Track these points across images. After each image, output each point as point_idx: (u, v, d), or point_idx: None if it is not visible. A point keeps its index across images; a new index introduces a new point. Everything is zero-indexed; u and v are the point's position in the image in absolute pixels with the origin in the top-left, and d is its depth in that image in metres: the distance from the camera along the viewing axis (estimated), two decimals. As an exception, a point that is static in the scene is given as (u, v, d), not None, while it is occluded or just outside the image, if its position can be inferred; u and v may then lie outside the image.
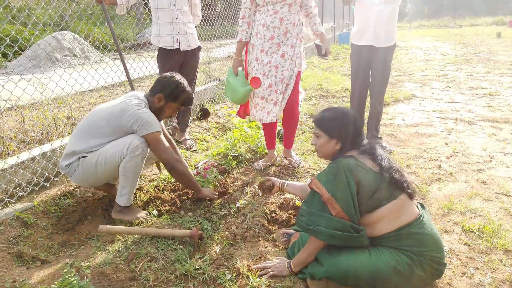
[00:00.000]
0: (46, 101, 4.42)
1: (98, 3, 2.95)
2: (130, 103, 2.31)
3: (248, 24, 2.95)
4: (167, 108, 2.44)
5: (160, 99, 2.40)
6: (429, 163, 3.45)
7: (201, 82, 6.12)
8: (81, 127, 2.35)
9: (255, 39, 2.94)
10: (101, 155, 2.24)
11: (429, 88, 6.86)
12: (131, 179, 2.31)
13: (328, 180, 1.70)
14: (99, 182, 2.40)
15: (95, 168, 2.26)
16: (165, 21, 3.37)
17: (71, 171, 2.29)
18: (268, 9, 2.82)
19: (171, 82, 2.41)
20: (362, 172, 1.69)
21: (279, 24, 2.81)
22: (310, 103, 5.83)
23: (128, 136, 2.27)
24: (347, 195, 1.64)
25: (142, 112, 2.28)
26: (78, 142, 2.30)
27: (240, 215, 2.42)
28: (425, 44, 15.71)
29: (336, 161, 1.75)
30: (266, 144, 3.32)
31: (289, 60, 2.89)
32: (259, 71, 2.94)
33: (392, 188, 1.70)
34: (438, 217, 2.55)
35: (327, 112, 1.91)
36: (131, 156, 2.23)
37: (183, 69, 3.63)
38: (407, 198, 1.74)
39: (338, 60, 10.88)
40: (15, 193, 2.55)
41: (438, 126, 4.55)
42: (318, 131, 1.89)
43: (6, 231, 2.19)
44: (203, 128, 4.32)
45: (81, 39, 9.37)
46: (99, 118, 2.32)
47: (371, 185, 1.67)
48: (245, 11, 2.93)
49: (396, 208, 1.70)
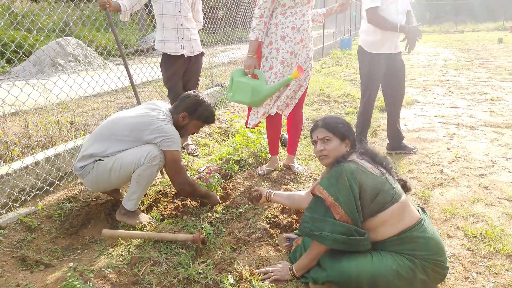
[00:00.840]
0: (49, 106, 4.46)
1: (102, 9, 2.98)
2: (157, 117, 2.33)
3: (265, 24, 2.82)
4: (191, 126, 2.49)
5: (185, 117, 2.44)
6: (431, 168, 3.46)
7: (203, 87, 6.15)
8: (101, 131, 2.36)
9: (281, 42, 2.84)
10: (117, 161, 2.25)
11: (431, 93, 6.88)
12: (143, 186, 2.33)
13: (330, 184, 1.71)
14: (109, 188, 2.41)
15: (109, 173, 2.26)
16: (170, 27, 3.40)
17: (85, 173, 2.29)
18: (296, 11, 2.82)
19: (195, 101, 2.46)
20: (363, 176, 1.71)
21: (307, 27, 2.88)
22: (312, 108, 5.85)
23: (148, 145, 2.28)
24: (350, 198, 1.66)
25: (167, 128, 2.31)
26: (97, 146, 2.30)
27: (242, 220, 2.43)
28: (426, 50, 15.73)
29: (338, 166, 1.77)
30: (269, 149, 3.33)
31: (308, 63, 2.99)
32: (283, 74, 2.90)
33: (393, 192, 1.71)
34: (441, 222, 2.55)
35: (330, 118, 2.00)
36: (148, 165, 2.24)
37: (187, 75, 3.65)
38: (408, 201, 1.76)
39: (340, 66, 10.91)
40: (19, 197, 2.57)
41: (440, 131, 4.55)
42: (330, 134, 1.93)
43: (10, 235, 2.20)
44: (205, 133, 4.34)
45: (84, 45, 9.45)
46: (123, 126, 2.33)
47: (373, 188, 1.69)
48: (264, 11, 2.78)
49: (398, 212, 1.71)
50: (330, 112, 5.51)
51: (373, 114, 5.30)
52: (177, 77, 3.57)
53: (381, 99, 6.14)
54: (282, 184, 3.03)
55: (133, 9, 3.27)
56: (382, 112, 5.56)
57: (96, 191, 2.47)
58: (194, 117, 2.46)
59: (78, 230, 2.39)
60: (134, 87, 3.42)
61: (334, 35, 16.57)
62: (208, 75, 6.77)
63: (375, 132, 4.54)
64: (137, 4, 3.26)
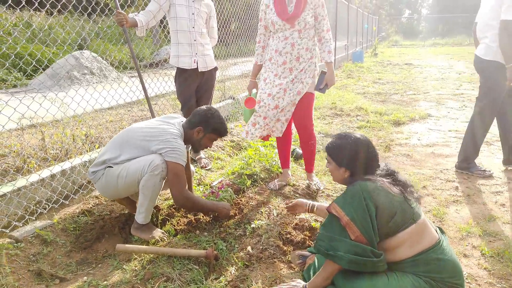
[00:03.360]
0: (66, 119, 4.54)
1: (119, 25, 3.05)
2: (167, 130, 2.38)
3: (262, 48, 3.13)
4: (205, 139, 2.54)
5: (199, 131, 2.50)
6: (446, 184, 3.41)
7: (215, 101, 6.21)
8: (116, 139, 2.45)
9: (268, 63, 3.03)
10: (124, 168, 2.31)
11: (444, 107, 6.82)
12: (149, 198, 2.35)
13: (346, 202, 1.70)
14: (118, 195, 2.46)
15: (117, 180, 2.32)
16: (184, 42, 3.46)
17: (96, 179, 2.39)
18: (279, 36, 2.91)
19: (210, 114, 2.52)
20: (381, 195, 1.68)
21: (290, 50, 2.88)
22: (324, 121, 5.85)
23: (152, 155, 2.32)
24: (366, 218, 1.63)
25: (174, 141, 2.35)
26: (110, 152, 2.39)
27: (255, 236, 2.42)
28: (439, 63, 15.64)
29: (354, 184, 1.75)
30: (281, 163, 3.34)
31: (297, 83, 2.94)
32: (265, 90, 3.00)
33: (411, 212, 1.69)
34: (456, 240, 2.51)
35: (338, 139, 1.92)
36: (151, 174, 2.27)
37: (200, 89, 3.70)
38: (426, 221, 1.73)
39: (352, 79, 10.91)
40: (35, 210, 2.61)
41: (454, 147, 4.50)
42: (328, 157, 1.92)
43: (26, 249, 2.24)
44: (217, 147, 4.36)
45: (100, 59, 9.64)
46: (135, 135, 2.40)
47: (390, 208, 1.66)
48: (260, 37, 3.11)
49: (416, 233, 1.67)
50: (342, 126, 5.49)
51: (386, 129, 5.30)
52: (190, 91, 3.62)
53: (394, 113, 6.13)
54: (294, 199, 3.01)
55: (149, 24, 3.34)
56: (395, 126, 5.53)
57: (106, 196, 2.55)
58: (208, 131, 2.51)
59: (92, 244, 2.41)
60: (149, 100, 3.48)
61: (346, 48, 16.59)
62: (221, 88, 6.83)
63: (388, 147, 4.51)
64: (152, 19, 3.33)
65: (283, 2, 2.85)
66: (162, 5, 3.33)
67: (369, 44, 26.78)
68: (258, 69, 3.19)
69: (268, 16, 2.93)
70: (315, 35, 2.95)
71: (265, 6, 2.97)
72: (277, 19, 2.85)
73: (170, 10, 3.39)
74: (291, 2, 2.84)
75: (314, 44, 2.95)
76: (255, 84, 3.22)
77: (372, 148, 1.88)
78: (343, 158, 1.85)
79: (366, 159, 1.83)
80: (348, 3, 17.60)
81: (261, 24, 3.05)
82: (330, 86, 2.96)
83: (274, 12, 2.87)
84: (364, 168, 1.83)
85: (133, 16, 3.17)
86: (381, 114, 6.20)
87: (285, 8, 2.83)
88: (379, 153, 1.94)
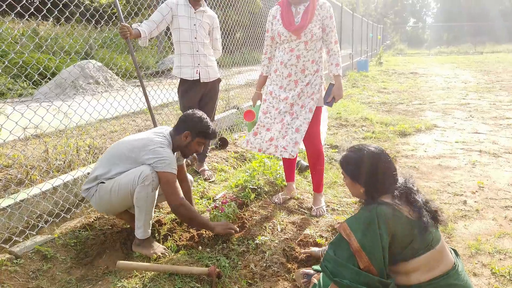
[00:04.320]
0: (70, 130, 4.54)
1: (123, 38, 3.04)
2: (154, 139, 2.39)
3: (269, 59, 3.09)
4: (193, 143, 2.52)
5: (187, 136, 2.49)
6: (454, 198, 3.34)
7: (219, 110, 6.18)
8: (106, 154, 2.46)
9: (274, 75, 2.99)
10: (116, 182, 2.31)
11: (451, 117, 6.75)
12: (144, 210, 2.32)
13: (358, 228, 1.60)
14: (114, 210, 2.44)
15: (110, 195, 2.32)
16: (186, 53, 3.45)
17: (89, 196, 2.39)
18: (285, 47, 2.86)
19: (195, 118, 2.51)
20: (398, 222, 1.58)
21: (296, 62, 2.84)
22: (329, 132, 5.80)
23: (141, 166, 2.31)
24: (378, 248, 1.55)
25: (161, 150, 2.34)
26: (100, 168, 2.39)
27: (258, 252, 2.37)
28: (445, 72, 15.58)
29: (370, 209, 1.63)
30: (285, 176, 3.29)
31: (304, 97, 2.88)
32: (273, 104, 2.96)
33: (430, 237, 1.60)
34: (466, 258, 2.44)
35: (352, 153, 1.81)
36: (142, 186, 2.26)
37: (203, 100, 3.68)
38: (444, 246, 1.66)
39: (357, 88, 10.87)
40: (36, 225, 2.58)
41: (461, 158, 4.43)
42: (343, 172, 1.84)
43: (26, 265, 2.20)
44: (221, 158, 4.33)
45: (105, 68, 9.69)
46: (123, 148, 2.42)
47: (406, 236, 1.58)
48: (267, 48, 3.08)
49: (433, 259, 1.60)
50: (347, 137, 5.44)
51: (391, 139, 5.24)
52: (193, 102, 3.59)
53: (399, 123, 6.08)
54: (298, 214, 2.97)
55: (152, 34, 3.33)
56: (401, 137, 5.47)
57: (103, 212, 2.55)
58: (196, 134, 2.50)
59: (93, 260, 2.37)
60: (151, 111, 3.44)
61: (351, 57, 16.59)
62: (225, 98, 6.81)
63: (394, 159, 4.44)
64: (155, 30, 3.32)
65: (290, 13, 2.82)
66: (165, 16, 3.32)
67: (374, 52, 26.78)
68: (263, 81, 3.15)
69: (275, 27, 2.90)
70: (323, 47, 2.91)
71: (272, 17, 2.95)
72: (284, 30, 2.81)
73: (173, 21, 3.39)
74: (298, 14, 2.81)
75: (321, 57, 2.90)
76: (260, 95, 3.19)
77: (388, 162, 1.75)
78: (358, 174, 1.75)
79: (381, 175, 1.71)
80: (353, 12, 17.65)
81: (268, 35, 3.02)
82: (337, 100, 2.89)
83: (281, 23, 2.84)
84: (381, 185, 1.71)
85: (136, 27, 3.17)
86: (386, 124, 6.14)
87: (292, 19, 2.80)
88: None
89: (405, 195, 1.67)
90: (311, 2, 2.77)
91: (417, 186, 1.74)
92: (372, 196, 1.73)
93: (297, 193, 3.30)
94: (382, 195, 1.71)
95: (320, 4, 2.78)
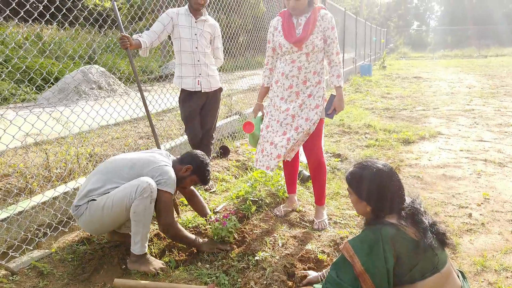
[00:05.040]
0: (71, 137, 4.51)
1: (123, 48, 3.01)
2: (158, 158, 2.44)
3: (270, 70, 3.05)
4: (188, 179, 2.59)
5: (188, 169, 2.56)
6: (459, 211, 3.28)
7: (221, 116, 6.13)
8: (99, 170, 2.40)
9: (275, 86, 2.95)
10: (109, 198, 2.25)
11: (455, 124, 6.68)
12: (142, 224, 2.28)
13: (363, 250, 1.56)
14: (104, 229, 2.39)
15: (102, 212, 2.25)
16: (187, 63, 3.42)
17: (78, 214, 2.30)
18: (286, 58, 2.82)
19: (201, 159, 2.61)
20: (403, 244, 1.54)
21: (297, 73, 2.79)
22: (332, 139, 5.75)
23: (136, 179, 2.28)
24: (383, 271, 1.50)
25: (168, 168, 2.39)
26: (92, 183, 2.33)
27: (259, 269, 2.32)
28: (449, 76, 15.48)
29: (374, 230, 1.59)
30: (287, 188, 3.24)
31: (306, 109, 2.83)
32: (274, 117, 2.92)
33: (436, 260, 1.56)
34: (471, 275, 2.38)
35: (359, 169, 1.75)
36: (140, 199, 2.22)
37: (204, 110, 3.64)
38: (451, 269, 1.61)
39: (360, 93, 10.81)
40: (33, 239, 2.54)
41: (466, 168, 4.37)
42: (349, 188, 1.78)
43: (22, 282, 2.16)
44: (222, 167, 4.29)
45: (108, 73, 9.69)
46: (122, 165, 2.39)
47: (412, 257, 1.53)
48: (268, 59, 3.04)
49: (439, 282, 1.55)
50: (350, 145, 5.38)
51: (395, 148, 5.19)
52: (194, 112, 3.56)
53: (403, 130, 6.02)
54: (300, 227, 2.92)
55: (153, 45, 3.31)
56: (404, 145, 5.41)
57: (91, 232, 2.48)
58: (195, 173, 2.58)
59: (90, 276, 2.32)
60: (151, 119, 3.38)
61: (354, 61, 16.53)
62: (227, 103, 6.77)
63: (398, 168, 4.39)
64: (156, 40, 3.29)
65: (291, 25, 2.79)
66: (166, 25, 3.30)
67: (377, 56, 26.71)
68: (265, 92, 3.11)
69: (276, 38, 2.86)
70: (325, 58, 2.87)
71: (273, 29, 2.92)
72: (285, 42, 2.78)
73: (174, 31, 3.36)
74: (299, 25, 2.77)
75: (323, 68, 2.86)
76: (262, 107, 3.14)
77: (396, 181, 1.71)
78: (364, 192, 1.70)
79: (390, 195, 1.66)
80: (356, 16, 17.60)
81: (269, 46, 2.99)
82: (338, 112, 2.86)
83: (282, 34, 2.81)
84: (388, 205, 1.66)
85: (137, 37, 3.14)
86: (390, 131, 6.08)
87: (293, 30, 2.76)
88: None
89: (412, 215, 1.63)
90: (312, 13, 2.74)
91: (424, 207, 1.69)
92: (378, 215, 1.68)
93: (299, 205, 3.25)
94: (388, 214, 1.67)
95: (321, 15, 2.74)
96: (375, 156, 4.81)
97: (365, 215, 1.78)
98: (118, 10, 3.06)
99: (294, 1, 2.67)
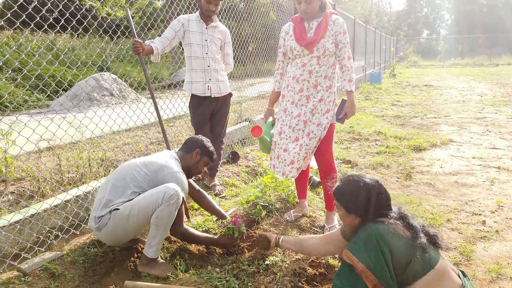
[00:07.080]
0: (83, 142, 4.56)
1: (135, 54, 3.05)
2: (171, 163, 2.43)
3: (281, 75, 3.06)
4: (200, 163, 2.63)
5: (197, 154, 2.61)
6: (472, 218, 3.23)
7: (231, 123, 6.15)
8: (114, 177, 2.37)
9: (285, 90, 2.95)
10: (134, 205, 2.21)
11: (467, 131, 6.60)
12: (162, 229, 2.28)
13: (358, 248, 1.59)
14: (127, 237, 2.37)
15: (127, 220, 2.22)
16: (197, 68, 3.45)
17: (102, 225, 2.24)
18: (297, 62, 2.82)
19: (202, 139, 2.69)
20: (394, 239, 1.57)
21: (308, 77, 2.79)
22: (342, 146, 5.72)
23: (161, 186, 2.27)
24: (382, 264, 1.52)
25: (181, 176, 2.41)
26: (112, 192, 2.29)
27: (269, 273, 2.31)
28: (460, 84, 15.35)
29: (366, 228, 1.64)
30: (297, 193, 3.23)
31: (318, 115, 2.82)
32: (286, 122, 2.91)
33: (427, 257, 1.57)
34: (486, 283, 2.33)
35: (346, 184, 1.82)
36: (166, 205, 2.21)
37: (214, 115, 3.66)
38: (446, 266, 1.61)
39: (370, 101, 10.77)
40: (45, 241, 2.56)
41: (479, 175, 4.30)
42: (337, 203, 1.83)
43: (33, 283, 2.17)
44: (232, 173, 4.29)
45: (119, 80, 9.81)
46: (135, 169, 2.37)
47: (404, 253, 1.56)
48: (279, 64, 3.05)
49: (435, 280, 1.56)
50: (361, 152, 5.35)
51: (406, 154, 5.14)
52: (204, 118, 3.59)
53: (414, 137, 5.97)
54: (310, 232, 2.90)
55: (164, 50, 3.34)
56: (416, 152, 5.36)
57: (111, 242, 2.40)
58: (204, 154, 2.64)
59: (101, 278, 2.33)
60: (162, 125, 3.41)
61: (364, 69, 16.50)
62: (237, 110, 6.80)
63: (409, 175, 4.34)
64: (168, 46, 3.33)
65: (303, 28, 2.80)
66: (177, 32, 3.34)
67: (387, 64, 26.63)
68: (276, 97, 3.11)
69: (287, 42, 2.87)
70: (336, 62, 2.87)
71: (284, 33, 2.93)
72: (296, 45, 2.79)
73: (185, 36, 3.40)
74: (311, 29, 2.78)
75: (334, 73, 2.86)
76: (272, 112, 3.15)
77: (384, 193, 1.78)
78: (353, 205, 1.76)
79: (377, 206, 1.73)
80: (366, 24, 17.62)
81: (280, 51, 3.00)
82: (349, 117, 2.84)
83: (293, 38, 2.82)
84: (375, 213, 1.73)
85: (149, 43, 3.18)
86: (400, 138, 6.04)
87: (304, 34, 2.77)
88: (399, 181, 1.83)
89: (401, 219, 1.69)
90: (324, 18, 2.75)
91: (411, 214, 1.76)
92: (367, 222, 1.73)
93: (309, 210, 3.23)
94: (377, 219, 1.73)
95: (333, 19, 2.75)
96: (386, 163, 4.77)
97: (353, 229, 1.81)
98: (131, 18, 3.11)
99: (306, 4, 2.68)
